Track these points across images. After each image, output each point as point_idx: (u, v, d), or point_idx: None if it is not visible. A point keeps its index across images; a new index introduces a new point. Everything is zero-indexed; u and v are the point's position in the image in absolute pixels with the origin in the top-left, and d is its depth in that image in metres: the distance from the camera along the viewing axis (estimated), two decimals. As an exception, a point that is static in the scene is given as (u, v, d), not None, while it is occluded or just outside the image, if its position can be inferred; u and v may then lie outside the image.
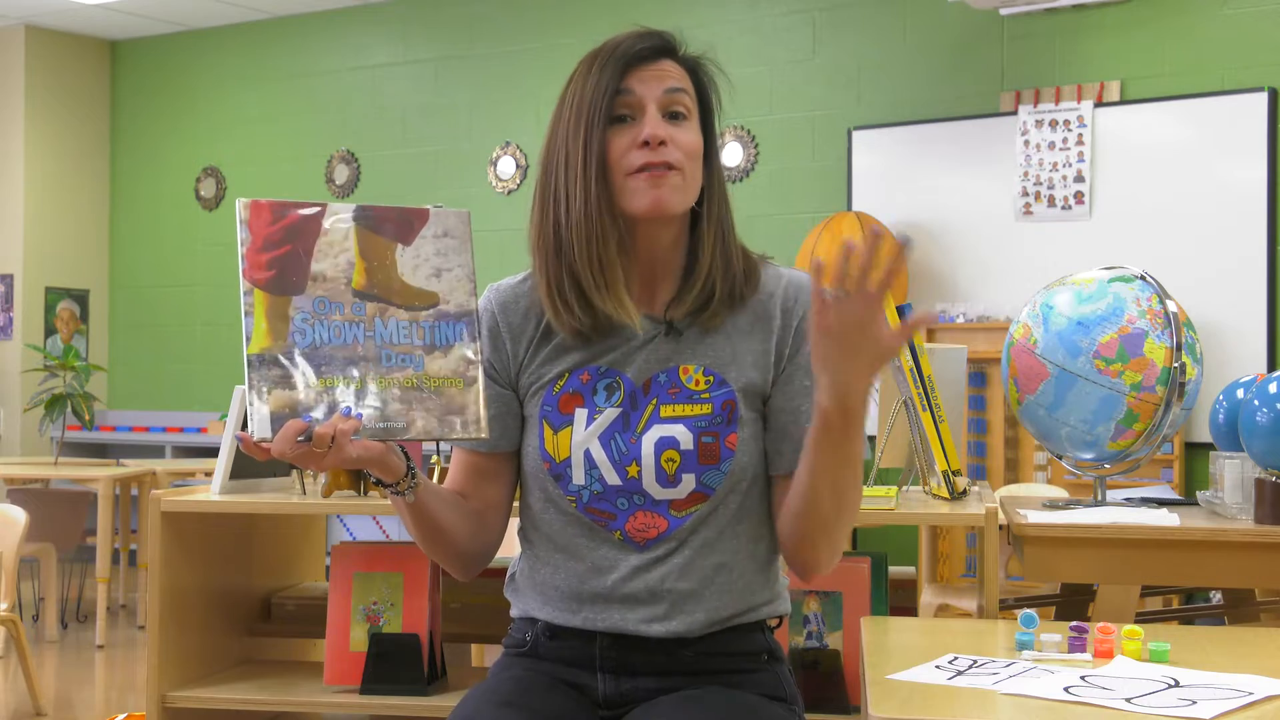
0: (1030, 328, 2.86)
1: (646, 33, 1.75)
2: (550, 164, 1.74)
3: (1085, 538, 2.62)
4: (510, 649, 1.85)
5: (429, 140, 7.83)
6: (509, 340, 1.80)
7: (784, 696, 1.80)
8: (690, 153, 1.72)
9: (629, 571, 1.74)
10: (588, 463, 1.74)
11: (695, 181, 1.74)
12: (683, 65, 1.77)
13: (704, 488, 1.73)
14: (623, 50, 1.73)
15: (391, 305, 1.62)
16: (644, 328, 1.76)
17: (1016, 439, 6.05)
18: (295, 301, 1.59)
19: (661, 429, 1.73)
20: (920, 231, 6.40)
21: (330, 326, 1.60)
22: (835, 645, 2.54)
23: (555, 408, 1.76)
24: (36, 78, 8.49)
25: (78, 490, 6.53)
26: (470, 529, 1.78)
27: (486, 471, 1.81)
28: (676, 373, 1.75)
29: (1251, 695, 1.47)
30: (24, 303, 8.45)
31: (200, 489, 2.85)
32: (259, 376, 1.56)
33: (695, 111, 1.76)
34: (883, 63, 6.62)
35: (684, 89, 1.74)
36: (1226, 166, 5.84)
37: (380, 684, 2.64)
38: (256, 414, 1.55)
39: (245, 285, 1.59)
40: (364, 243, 1.63)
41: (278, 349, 1.57)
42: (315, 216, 1.62)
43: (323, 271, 1.61)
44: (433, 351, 1.63)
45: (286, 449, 1.53)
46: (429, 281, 1.64)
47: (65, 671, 5.39)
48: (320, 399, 1.57)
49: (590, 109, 1.70)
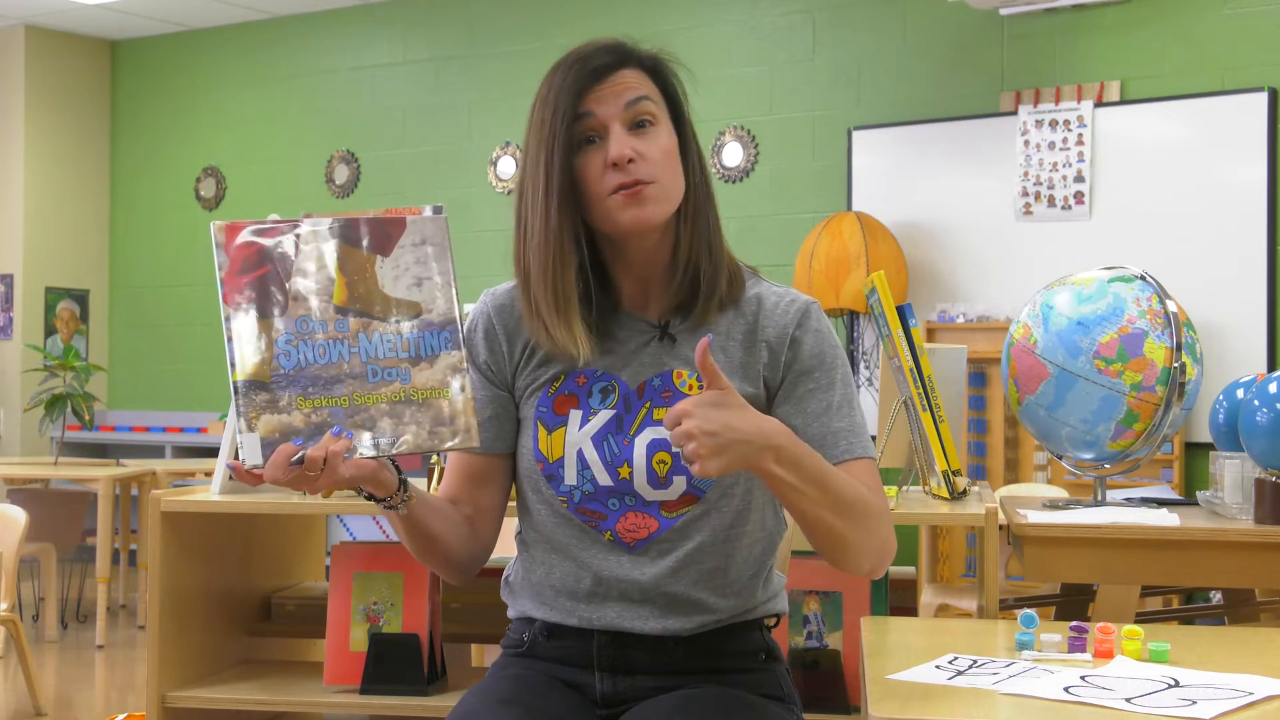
0: (1030, 328, 2.86)
1: (597, 48, 1.74)
2: (520, 190, 1.76)
3: (1085, 538, 2.62)
4: (508, 649, 1.86)
5: (429, 140, 7.82)
6: (505, 343, 1.81)
7: (781, 696, 1.81)
8: (663, 158, 1.71)
9: (621, 573, 1.75)
10: (580, 463, 1.75)
11: (675, 183, 1.73)
12: (640, 68, 1.75)
13: (695, 489, 1.73)
14: (575, 73, 1.71)
15: (374, 319, 1.60)
16: (639, 332, 1.77)
17: (1016, 439, 6.04)
18: (277, 323, 1.57)
19: (654, 431, 1.74)
20: (920, 231, 6.40)
21: (314, 346, 1.58)
22: (835, 645, 2.54)
23: (550, 409, 1.77)
24: (36, 78, 8.49)
25: (78, 490, 6.53)
26: (462, 536, 1.79)
27: (481, 475, 1.82)
28: (670, 377, 1.76)
29: (1251, 695, 1.47)
30: (24, 303, 8.45)
31: (200, 489, 2.85)
32: (246, 403, 1.55)
33: (663, 111, 1.74)
34: (883, 63, 6.63)
35: (645, 95, 1.73)
36: (1226, 166, 5.84)
37: (380, 684, 2.64)
38: (247, 441, 1.54)
39: (226, 311, 1.57)
40: (343, 257, 1.61)
41: (263, 373, 1.56)
42: (291, 234, 1.60)
43: (303, 290, 1.59)
44: (419, 363, 1.61)
45: (279, 475, 1.53)
46: (410, 291, 1.62)
47: (65, 671, 5.39)
48: (309, 421, 1.56)
49: (550, 137, 1.70)
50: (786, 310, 1.77)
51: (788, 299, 1.79)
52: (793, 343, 1.76)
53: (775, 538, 1.84)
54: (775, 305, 1.78)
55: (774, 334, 1.76)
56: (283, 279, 1.59)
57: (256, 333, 1.57)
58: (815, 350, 1.76)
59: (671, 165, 1.73)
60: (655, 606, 1.75)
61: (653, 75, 1.76)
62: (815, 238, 6.20)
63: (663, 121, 1.74)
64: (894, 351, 2.65)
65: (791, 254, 6.30)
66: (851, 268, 6.05)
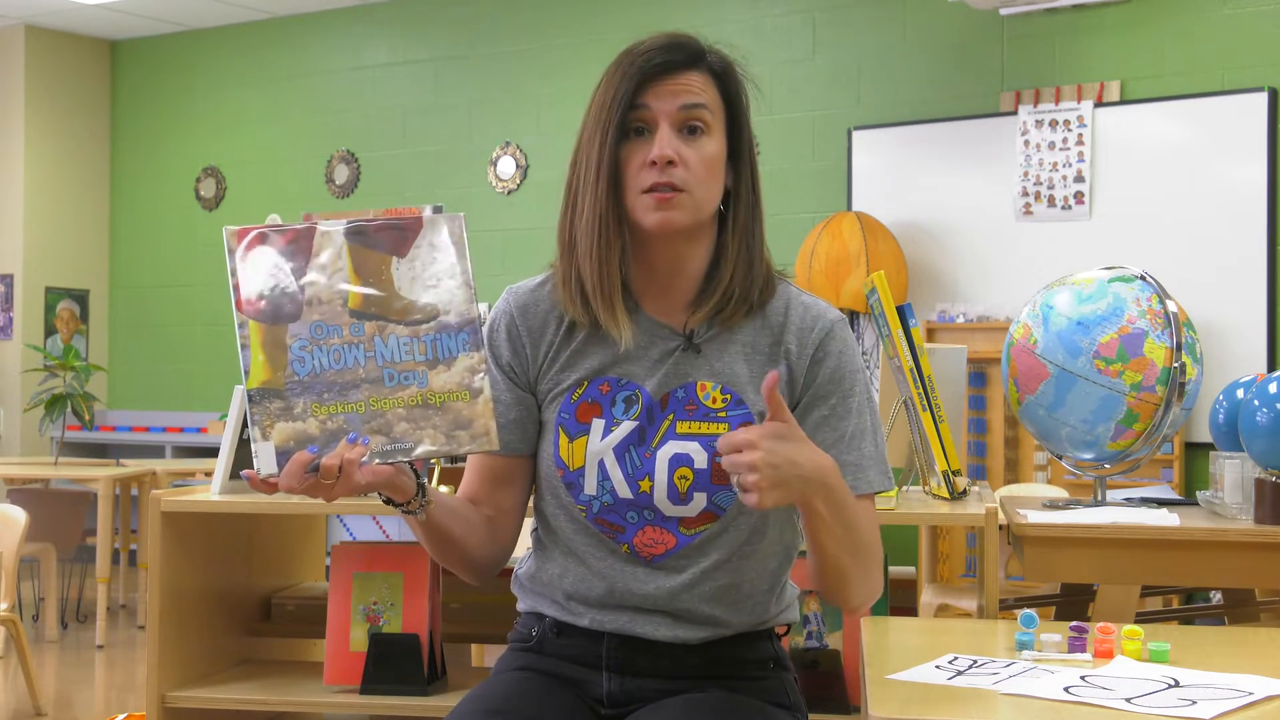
0: (1030, 328, 2.86)
1: (668, 44, 1.73)
2: (574, 164, 1.75)
3: (1085, 538, 2.62)
4: (516, 643, 1.85)
5: (429, 140, 7.82)
6: (528, 344, 1.79)
7: (788, 704, 1.80)
8: (704, 169, 1.70)
9: (636, 585, 1.74)
10: (600, 473, 1.73)
11: (708, 195, 1.72)
12: (709, 72, 1.75)
13: (715, 507, 1.72)
14: (640, 63, 1.71)
15: (390, 322, 1.57)
16: (662, 339, 1.76)
17: (1016, 439, 6.04)
18: (291, 329, 1.54)
19: (676, 445, 1.72)
20: (920, 231, 6.40)
21: (329, 351, 1.55)
22: (835, 645, 2.54)
23: (573, 416, 1.75)
24: (36, 78, 8.49)
25: (78, 490, 6.53)
26: (481, 538, 1.77)
27: (502, 475, 1.80)
28: (694, 389, 1.74)
29: (1251, 695, 1.47)
30: (24, 303, 8.45)
31: (200, 489, 2.85)
32: (261, 411, 1.52)
33: (719, 121, 1.73)
34: (883, 63, 6.62)
35: (703, 103, 1.72)
36: (1226, 166, 5.84)
37: (380, 684, 2.64)
38: (261, 450, 1.51)
39: (239, 318, 1.54)
40: (358, 260, 1.57)
41: (277, 381, 1.53)
42: (304, 238, 1.57)
43: (317, 294, 1.55)
44: (435, 366, 1.57)
45: (295, 483, 1.51)
46: (427, 293, 1.58)
47: (65, 671, 5.39)
48: (324, 428, 1.54)
49: (606, 120, 1.70)
50: (811, 327, 1.76)
51: (814, 313, 1.77)
52: (812, 363, 1.75)
53: (791, 551, 1.83)
54: (801, 319, 1.76)
55: (795, 350, 1.75)
56: (297, 283, 1.56)
57: (270, 339, 1.54)
58: (834, 374, 1.75)
59: (710, 175, 1.71)
60: (668, 617, 1.75)
61: (719, 81, 1.75)
62: (815, 237, 6.20)
63: (715, 130, 1.73)
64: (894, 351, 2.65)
65: (792, 254, 6.30)
66: (851, 268, 6.05)
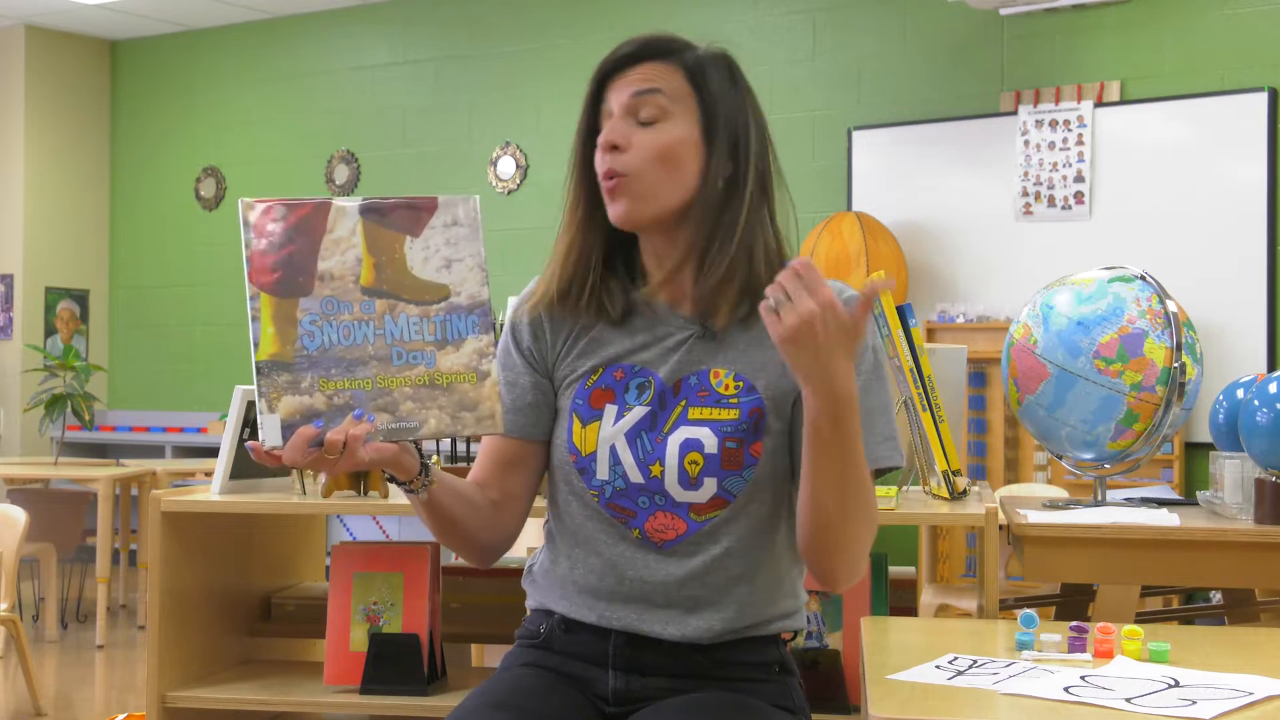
0: (1030, 328, 2.86)
1: (633, 40, 1.76)
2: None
3: (1085, 538, 2.62)
4: (523, 639, 1.85)
5: (429, 140, 7.83)
6: (549, 331, 1.81)
7: (793, 708, 1.80)
8: (655, 154, 1.69)
9: (646, 573, 1.74)
10: (612, 458, 1.74)
11: (662, 182, 1.70)
12: (670, 62, 1.75)
13: (725, 493, 1.72)
14: (602, 63, 1.75)
15: (401, 301, 1.57)
16: (677, 328, 1.77)
17: (1016, 439, 6.04)
18: (303, 303, 1.54)
19: (687, 430, 1.72)
20: (920, 231, 6.40)
21: (339, 327, 1.55)
22: (835, 645, 2.54)
23: (586, 402, 1.77)
24: (36, 78, 8.49)
25: (78, 490, 6.53)
26: (484, 522, 1.77)
27: (512, 460, 1.80)
28: (707, 376, 1.75)
29: (1251, 695, 1.47)
30: (24, 303, 8.45)
31: (200, 489, 2.85)
32: (268, 383, 1.52)
33: (684, 109, 1.72)
34: (883, 63, 6.63)
35: (656, 89, 1.71)
36: (1226, 166, 5.84)
37: (380, 684, 2.64)
38: (267, 422, 1.51)
39: (251, 290, 1.54)
40: (371, 237, 1.58)
41: (286, 354, 1.53)
42: (320, 213, 1.57)
43: (330, 270, 1.56)
44: (444, 347, 1.58)
45: (298, 457, 1.52)
46: (439, 274, 1.59)
47: (65, 671, 5.39)
48: (331, 403, 1.54)
49: (579, 123, 1.75)
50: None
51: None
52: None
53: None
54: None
55: None
56: (310, 258, 1.55)
57: (281, 312, 1.54)
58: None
59: (663, 163, 1.70)
60: (676, 610, 1.74)
61: (687, 71, 1.75)
62: (815, 237, 6.20)
63: (678, 117, 1.72)
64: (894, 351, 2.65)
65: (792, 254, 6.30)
66: (852, 267, 6.05)
